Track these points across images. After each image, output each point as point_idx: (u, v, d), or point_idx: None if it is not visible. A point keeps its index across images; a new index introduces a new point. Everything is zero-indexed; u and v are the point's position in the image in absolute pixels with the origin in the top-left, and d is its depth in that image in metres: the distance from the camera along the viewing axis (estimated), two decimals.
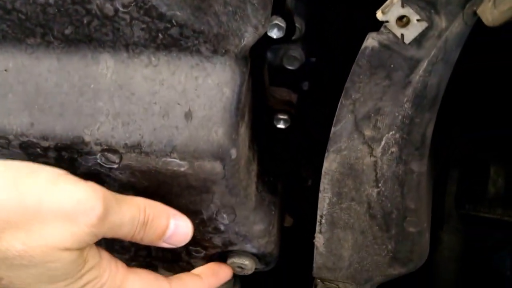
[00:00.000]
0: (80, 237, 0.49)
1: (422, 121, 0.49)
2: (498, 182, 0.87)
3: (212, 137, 0.54)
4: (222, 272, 0.70)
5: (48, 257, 0.48)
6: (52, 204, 0.47)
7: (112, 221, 0.52)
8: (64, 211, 0.48)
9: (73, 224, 0.48)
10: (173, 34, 0.53)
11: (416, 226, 0.56)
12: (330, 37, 0.88)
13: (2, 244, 0.47)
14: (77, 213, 0.48)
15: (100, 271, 0.54)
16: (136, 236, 0.55)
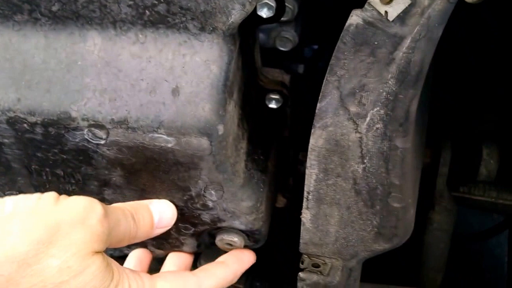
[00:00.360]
0: (99, 236, 0.52)
1: (406, 97, 0.49)
2: (490, 164, 0.87)
3: (199, 113, 0.54)
4: (245, 257, 0.71)
5: (83, 264, 0.50)
6: (64, 216, 0.51)
7: (112, 218, 0.54)
8: (77, 218, 0.51)
9: (88, 227, 0.51)
10: (160, 10, 0.53)
11: (401, 201, 0.56)
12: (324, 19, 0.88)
13: (39, 266, 0.48)
14: (87, 216, 0.52)
15: (130, 282, 0.55)
16: (133, 230, 0.58)
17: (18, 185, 0.66)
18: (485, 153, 0.87)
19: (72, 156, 0.59)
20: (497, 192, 0.92)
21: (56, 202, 0.52)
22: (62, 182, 0.64)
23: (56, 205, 0.51)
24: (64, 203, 0.52)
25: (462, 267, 1.49)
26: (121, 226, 0.56)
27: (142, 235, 0.60)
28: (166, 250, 0.76)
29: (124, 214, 0.58)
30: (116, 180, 0.62)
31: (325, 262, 0.64)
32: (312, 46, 1.09)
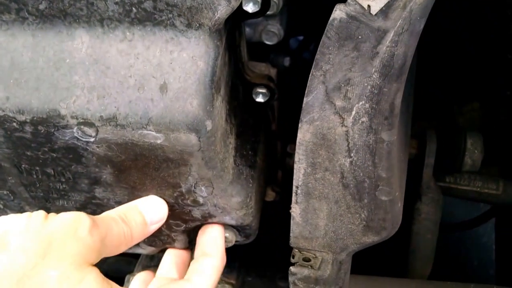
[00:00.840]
0: (91, 247, 0.54)
1: (390, 90, 0.49)
2: (475, 154, 0.88)
3: (187, 109, 0.55)
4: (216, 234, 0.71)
5: (81, 274, 0.51)
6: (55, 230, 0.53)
7: (102, 227, 0.56)
8: (68, 231, 0.53)
9: (79, 239, 0.53)
10: (147, 7, 0.53)
11: (388, 194, 0.57)
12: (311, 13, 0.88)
13: (39, 278, 0.50)
14: (77, 228, 0.53)
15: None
16: (127, 233, 0.59)
17: (8, 185, 0.66)
18: (469, 143, 0.89)
19: (62, 154, 0.59)
20: (482, 182, 0.94)
21: (45, 219, 0.54)
22: (53, 180, 0.64)
23: (46, 221, 0.53)
24: (53, 219, 0.54)
25: (450, 256, 1.52)
26: (114, 232, 0.57)
27: (138, 235, 0.61)
28: (157, 247, 0.77)
29: (114, 220, 0.59)
30: (106, 177, 0.62)
31: (316, 255, 0.65)
32: (298, 38, 1.10)
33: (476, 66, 0.99)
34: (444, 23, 0.94)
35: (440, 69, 1.05)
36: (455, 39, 1.00)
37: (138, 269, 0.88)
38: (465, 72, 1.04)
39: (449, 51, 1.01)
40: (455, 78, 1.06)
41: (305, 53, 1.12)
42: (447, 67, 1.05)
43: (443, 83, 1.08)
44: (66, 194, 0.66)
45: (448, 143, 0.91)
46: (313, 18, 0.87)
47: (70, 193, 0.66)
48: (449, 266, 1.47)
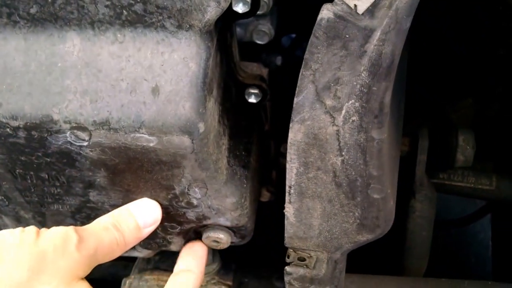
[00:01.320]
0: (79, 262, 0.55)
1: (379, 89, 0.50)
2: (467, 150, 0.89)
3: (179, 112, 0.55)
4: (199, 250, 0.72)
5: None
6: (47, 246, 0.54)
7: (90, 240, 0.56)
8: (58, 247, 0.54)
9: (68, 254, 0.54)
10: (137, 10, 0.53)
11: (380, 192, 0.57)
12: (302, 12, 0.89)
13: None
14: (66, 244, 0.55)
15: None
16: (120, 239, 0.60)
17: (3, 190, 0.66)
18: (461, 140, 0.89)
19: (56, 159, 0.60)
20: (475, 177, 0.94)
21: (38, 235, 0.55)
22: (47, 185, 0.64)
23: (38, 237, 0.54)
24: (44, 234, 0.55)
25: (448, 253, 1.52)
26: (105, 242, 0.58)
27: (132, 240, 0.62)
28: (153, 250, 0.77)
29: (104, 228, 0.59)
30: (100, 181, 0.63)
31: (311, 255, 0.65)
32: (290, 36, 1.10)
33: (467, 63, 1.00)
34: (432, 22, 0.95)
35: (432, 66, 1.06)
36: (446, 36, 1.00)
37: (135, 272, 0.88)
38: (457, 69, 1.04)
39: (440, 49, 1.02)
40: (447, 75, 1.07)
41: (297, 51, 1.12)
42: (439, 64, 1.05)
43: (435, 80, 1.08)
44: (60, 198, 0.66)
45: (440, 140, 0.91)
46: (305, 16, 0.87)
47: (65, 197, 0.66)
48: (446, 263, 1.47)
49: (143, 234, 0.63)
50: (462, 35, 0.99)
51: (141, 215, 0.63)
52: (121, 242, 0.60)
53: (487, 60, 0.98)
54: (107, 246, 0.58)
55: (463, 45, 1.00)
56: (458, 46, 1.01)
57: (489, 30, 0.93)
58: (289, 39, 1.14)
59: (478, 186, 0.95)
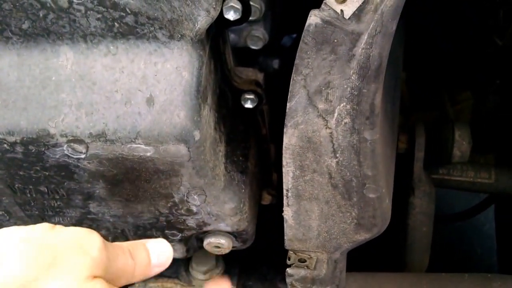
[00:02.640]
0: (98, 263, 0.52)
1: (369, 91, 0.50)
2: (463, 145, 0.89)
3: (174, 121, 0.55)
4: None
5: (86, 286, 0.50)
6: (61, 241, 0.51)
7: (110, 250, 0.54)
8: (75, 244, 0.51)
9: (87, 253, 0.51)
10: (128, 22, 0.54)
11: (375, 192, 0.58)
12: None
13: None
14: (86, 243, 0.52)
15: None
16: (131, 267, 0.58)
17: (3, 205, 0.67)
18: (457, 135, 0.90)
19: (54, 172, 0.60)
20: (474, 171, 0.95)
21: (51, 229, 0.52)
22: (47, 198, 0.65)
23: (52, 232, 0.52)
24: (61, 230, 0.53)
25: (453, 246, 1.52)
26: (119, 261, 0.56)
27: (140, 273, 0.60)
28: None
29: (121, 250, 0.57)
30: (99, 192, 0.63)
31: (311, 256, 0.66)
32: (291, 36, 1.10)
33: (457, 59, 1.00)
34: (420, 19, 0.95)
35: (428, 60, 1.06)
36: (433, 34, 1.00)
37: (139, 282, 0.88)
38: (452, 63, 1.04)
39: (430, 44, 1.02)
40: (444, 69, 1.07)
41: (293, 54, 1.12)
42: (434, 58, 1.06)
43: (434, 75, 1.08)
44: (61, 210, 0.67)
45: (437, 136, 0.92)
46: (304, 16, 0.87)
47: (65, 209, 0.67)
48: (451, 256, 1.47)
49: (151, 273, 0.61)
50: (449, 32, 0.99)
51: (155, 253, 0.61)
52: (130, 269, 0.58)
53: (476, 57, 0.99)
54: (120, 266, 0.56)
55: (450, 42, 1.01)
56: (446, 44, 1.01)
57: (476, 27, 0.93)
58: (290, 39, 1.14)
59: (478, 180, 0.96)
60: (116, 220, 0.68)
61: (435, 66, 1.03)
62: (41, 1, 0.52)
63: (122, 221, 0.68)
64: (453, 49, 0.98)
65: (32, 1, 0.52)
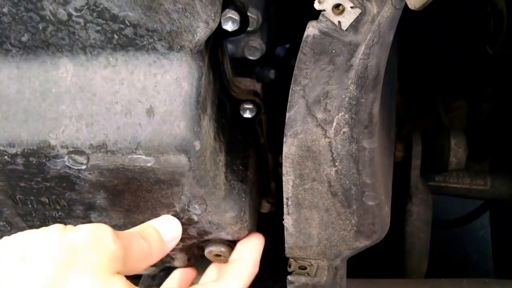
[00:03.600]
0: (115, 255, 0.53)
1: (367, 100, 0.51)
2: (459, 153, 0.90)
3: (175, 131, 0.56)
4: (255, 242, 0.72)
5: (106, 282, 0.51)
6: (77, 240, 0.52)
7: (123, 238, 0.55)
8: (90, 240, 0.52)
9: (103, 247, 0.52)
10: (128, 34, 0.54)
11: (375, 199, 0.58)
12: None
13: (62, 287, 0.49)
14: (99, 237, 0.53)
15: None
16: (147, 249, 0.58)
17: (4, 216, 0.67)
18: (453, 143, 0.91)
19: (55, 183, 0.61)
20: (470, 178, 0.96)
21: (65, 230, 0.53)
22: (48, 209, 0.65)
23: (66, 232, 0.53)
24: (73, 230, 0.53)
25: (449, 252, 1.53)
26: (135, 246, 0.57)
27: (157, 252, 0.61)
28: (158, 267, 0.78)
29: (133, 235, 0.58)
30: (101, 202, 0.64)
31: (311, 263, 0.66)
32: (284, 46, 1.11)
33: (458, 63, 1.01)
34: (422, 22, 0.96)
35: (424, 66, 1.07)
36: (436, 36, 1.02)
37: (144, 284, 0.88)
38: (448, 69, 1.05)
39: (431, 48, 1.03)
40: (439, 75, 1.08)
41: (292, 61, 1.13)
42: (431, 64, 1.07)
43: (428, 80, 1.10)
44: (62, 221, 0.67)
45: (433, 144, 0.93)
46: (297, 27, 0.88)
47: (66, 220, 0.67)
48: (448, 261, 1.48)
49: (167, 248, 0.63)
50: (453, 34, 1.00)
51: (164, 230, 0.62)
52: (148, 252, 0.59)
53: (478, 60, 1.00)
54: (136, 252, 0.57)
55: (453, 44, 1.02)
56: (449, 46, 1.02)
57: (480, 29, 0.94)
58: (283, 50, 1.15)
59: (473, 187, 0.97)
60: (117, 229, 0.68)
61: (430, 73, 1.05)
62: (40, 13, 0.53)
63: (123, 231, 0.68)
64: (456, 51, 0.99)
65: (31, 14, 0.53)
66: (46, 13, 0.52)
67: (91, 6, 0.52)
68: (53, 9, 0.52)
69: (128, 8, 0.52)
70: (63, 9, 0.52)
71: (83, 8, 0.52)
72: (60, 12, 0.52)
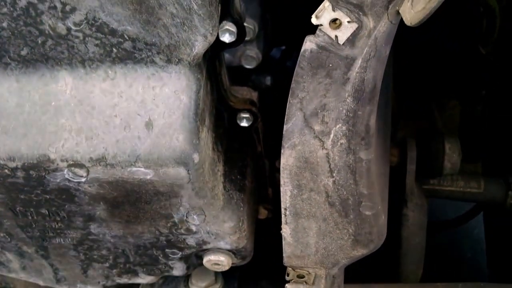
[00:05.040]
0: None
1: (364, 113, 0.52)
2: (453, 157, 0.92)
3: (173, 144, 0.56)
4: None
5: None
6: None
7: None
8: None
9: None
10: (126, 47, 0.55)
11: (371, 209, 0.59)
12: None
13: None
14: None
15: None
16: None
17: (4, 227, 0.67)
18: (447, 148, 0.92)
19: (55, 195, 0.61)
20: (464, 181, 0.97)
21: None
22: (48, 220, 0.65)
23: None
24: None
25: (444, 251, 1.55)
26: None
27: None
28: (156, 276, 0.78)
29: None
30: (100, 214, 0.64)
31: (309, 272, 0.67)
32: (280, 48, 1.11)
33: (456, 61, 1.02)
34: None
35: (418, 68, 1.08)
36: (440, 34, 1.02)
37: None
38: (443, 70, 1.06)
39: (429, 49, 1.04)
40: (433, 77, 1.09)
41: (288, 62, 1.13)
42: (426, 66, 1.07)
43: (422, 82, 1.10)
44: (62, 232, 0.67)
45: (428, 149, 0.94)
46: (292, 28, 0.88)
47: (66, 230, 0.67)
48: (444, 260, 1.50)
49: None
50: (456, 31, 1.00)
51: None
52: None
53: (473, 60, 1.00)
54: None
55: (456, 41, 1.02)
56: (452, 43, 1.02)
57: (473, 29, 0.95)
58: (278, 51, 1.16)
59: (467, 190, 0.98)
60: (116, 240, 0.68)
61: (425, 74, 1.05)
62: (39, 28, 0.53)
63: (122, 241, 0.69)
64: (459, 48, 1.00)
65: (31, 28, 0.53)
66: (45, 27, 0.53)
67: (90, 20, 0.52)
68: (52, 23, 0.53)
69: (127, 22, 0.53)
70: (62, 24, 0.53)
71: (82, 22, 0.53)
72: (59, 26, 0.53)
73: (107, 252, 0.70)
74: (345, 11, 0.46)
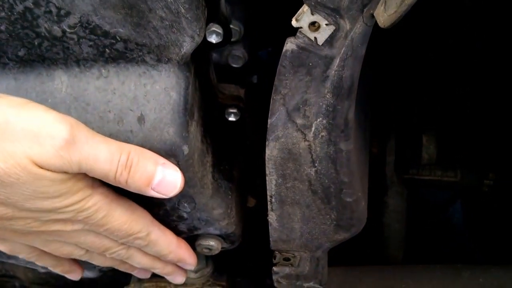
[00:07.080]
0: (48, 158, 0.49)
1: (343, 107, 0.56)
2: (430, 149, 0.97)
3: (164, 137, 0.59)
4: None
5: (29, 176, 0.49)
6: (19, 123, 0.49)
7: (84, 151, 0.51)
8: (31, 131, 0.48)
9: (40, 145, 0.48)
10: (118, 48, 0.58)
11: (352, 196, 0.63)
12: None
13: None
14: (43, 135, 0.49)
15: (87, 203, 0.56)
16: (119, 178, 0.54)
17: None
18: (424, 140, 0.97)
19: None
20: (441, 171, 1.02)
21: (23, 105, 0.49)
22: None
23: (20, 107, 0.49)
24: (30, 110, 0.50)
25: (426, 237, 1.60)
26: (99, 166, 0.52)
27: (133, 188, 0.56)
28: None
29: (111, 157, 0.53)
30: None
31: (295, 255, 0.71)
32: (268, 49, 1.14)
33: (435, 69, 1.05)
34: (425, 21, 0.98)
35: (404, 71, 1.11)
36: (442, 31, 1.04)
37: (134, 280, 0.92)
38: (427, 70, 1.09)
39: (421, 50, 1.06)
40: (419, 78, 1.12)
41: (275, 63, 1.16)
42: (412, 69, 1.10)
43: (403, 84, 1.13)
44: None
45: (406, 141, 0.99)
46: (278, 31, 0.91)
47: None
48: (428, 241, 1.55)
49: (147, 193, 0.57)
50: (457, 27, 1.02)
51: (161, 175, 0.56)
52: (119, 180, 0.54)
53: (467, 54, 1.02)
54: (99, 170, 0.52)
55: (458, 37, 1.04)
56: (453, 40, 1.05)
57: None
58: (265, 52, 1.19)
59: (444, 179, 1.03)
60: None
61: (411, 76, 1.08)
62: (36, 30, 0.56)
63: None
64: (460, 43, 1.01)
65: (27, 31, 0.56)
66: (41, 30, 0.55)
67: (84, 23, 0.55)
68: (48, 26, 0.55)
69: (119, 25, 0.55)
70: (58, 27, 0.55)
71: (76, 25, 0.55)
72: (55, 29, 0.56)
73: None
74: (323, 15, 0.50)
